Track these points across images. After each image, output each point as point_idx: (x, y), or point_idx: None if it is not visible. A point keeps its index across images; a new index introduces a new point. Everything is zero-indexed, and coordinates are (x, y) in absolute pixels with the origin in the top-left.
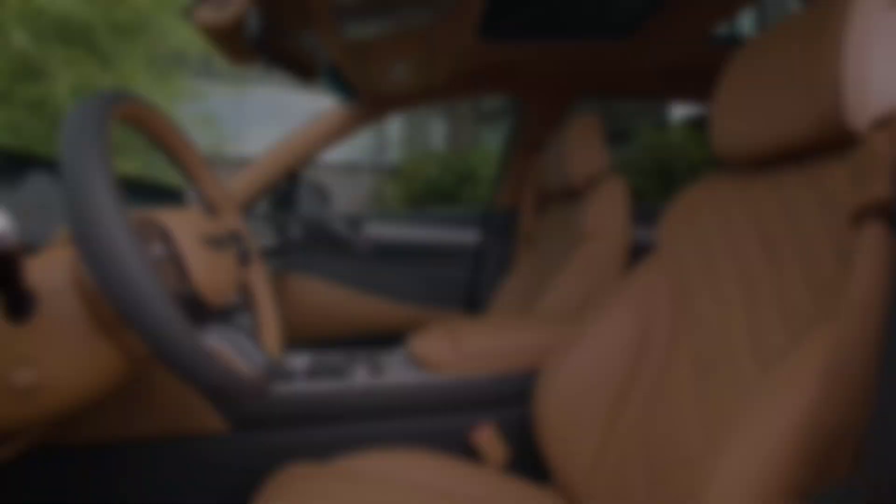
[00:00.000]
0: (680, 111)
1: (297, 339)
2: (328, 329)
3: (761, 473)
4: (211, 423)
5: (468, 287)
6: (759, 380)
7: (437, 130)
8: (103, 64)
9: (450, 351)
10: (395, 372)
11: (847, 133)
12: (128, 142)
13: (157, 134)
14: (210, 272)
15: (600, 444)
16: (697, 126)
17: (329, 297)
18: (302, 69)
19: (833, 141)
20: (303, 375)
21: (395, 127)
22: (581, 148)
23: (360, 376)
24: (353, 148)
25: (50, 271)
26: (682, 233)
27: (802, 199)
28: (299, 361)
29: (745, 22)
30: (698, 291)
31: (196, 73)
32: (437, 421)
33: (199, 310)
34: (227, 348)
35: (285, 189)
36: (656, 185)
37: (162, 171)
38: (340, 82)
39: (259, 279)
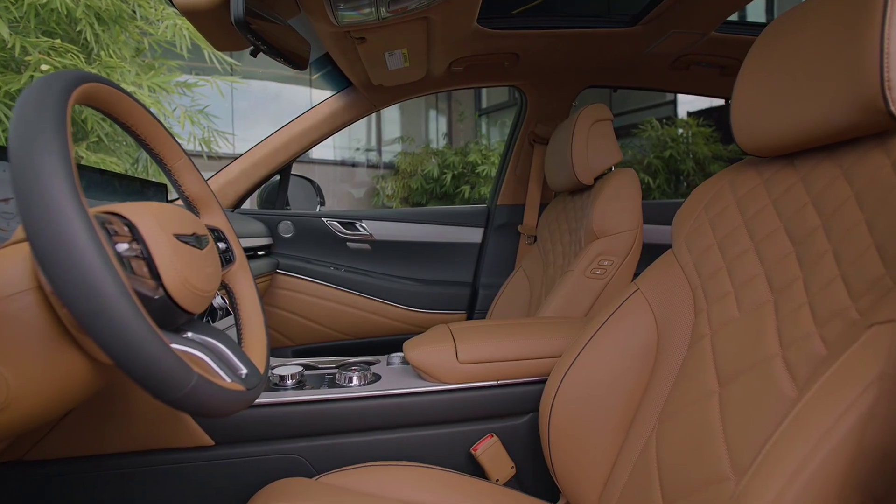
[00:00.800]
0: (686, 106)
1: (287, 344)
2: (320, 333)
3: (802, 502)
4: (194, 435)
5: (469, 288)
6: (794, 393)
7: (435, 126)
8: (86, 54)
9: (450, 358)
10: (391, 381)
11: (890, 118)
12: (119, 137)
13: (129, 121)
14: (186, 272)
15: (613, 459)
16: (706, 120)
17: (321, 298)
18: (292, 57)
19: (873, 127)
20: (292, 385)
21: (391, 122)
22: (590, 140)
23: (354, 386)
24: (348, 144)
25: (5, 271)
26: (700, 230)
27: (837, 191)
28: (288, 370)
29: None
30: (720, 294)
31: (188, 66)
32: (435, 433)
33: (171, 314)
34: (204, 357)
35: (275, 185)
36: (664, 181)
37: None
38: (333, 72)
39: (244, 280)
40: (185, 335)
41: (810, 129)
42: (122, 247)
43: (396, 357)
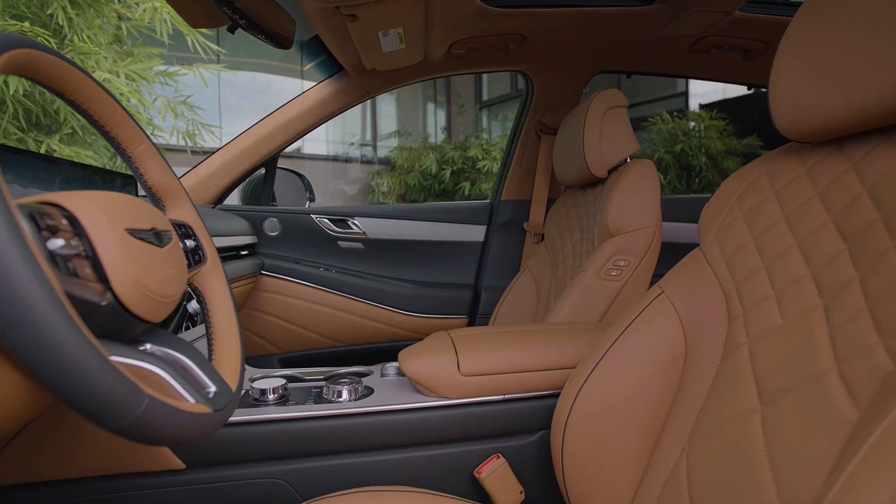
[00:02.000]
0: (699, 98)
1: (273, 351)
2: (309, 340)
3: None
4: (162, 458)
5: (470, 290)
6: (854, 415)
7: (433, 119)
8: (59, 39)
9: (450, 370)
10: (384, 395)
11: None
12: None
13: (78, 98)
14: (140, 274)
15: (636, 484)
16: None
17: (310, 302)
18: (275, 35)
19: None
20: (274, 400)
21: (387, 116)
22: (604, 128)
23: (343, 401)
24: (341, 139)
25: None
26: (734, 226)
27: None
28: (270, 383)
29: None
30: (758, 298)
31: (170, 56)
32: (435, 454)
33: (124, 323)
34: (162, 373)
35: (260, 179)
36: (675, 178)
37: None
38: (323, 54)
39: (216, 283)
40: (141, 348)
41: (863, 110)
42: (57, 243)
43: (391, 368)
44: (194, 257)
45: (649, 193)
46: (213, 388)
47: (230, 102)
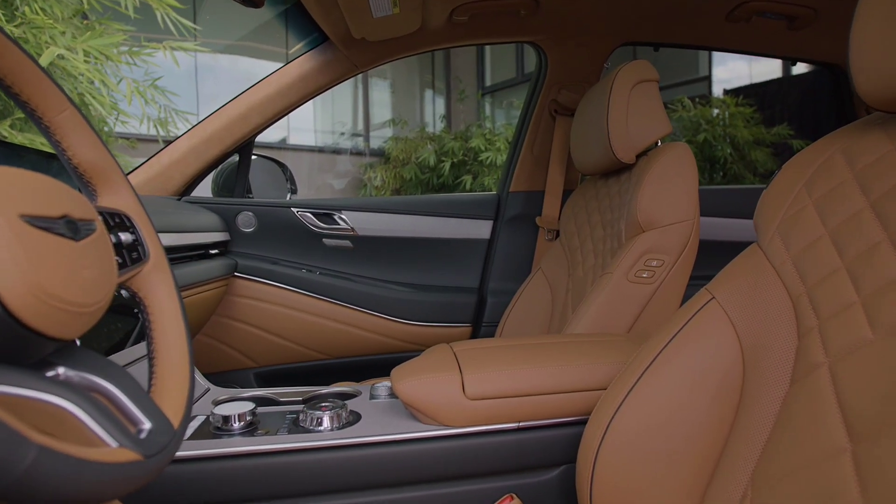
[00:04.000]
0: (723, 84)
1: (248, 365)
2: (289, 352)
3: None
4: None
5: (475, 294)
6: None
7: (431, 107)
8: (8, 12)
9: (453, 392)
10: (374, 423)
11: None
12: None
13: None
14: (39, 275)
15: None
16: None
17: (291, 308)
18: None
19: None
20: (239, 429)
21: (381, 104)
22: (631, 106)
23: (324, 430)
24: (331, 128)
25: None
26: (802, 217)
27: None
28: (235, 408)
29: None
30: (839, 306)
31: (138, 35)
32: (435, 495)
33: (20, 342)
34: (74, 409)
35: (234, 167)
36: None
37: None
38: (304, 22)
39: (160, 288)
40: (50, 373)
41: None
42: None
43: (383, 388)
44: (131, 255)
45: (686, 181)
46: (146, 426)
47: (209, 89)
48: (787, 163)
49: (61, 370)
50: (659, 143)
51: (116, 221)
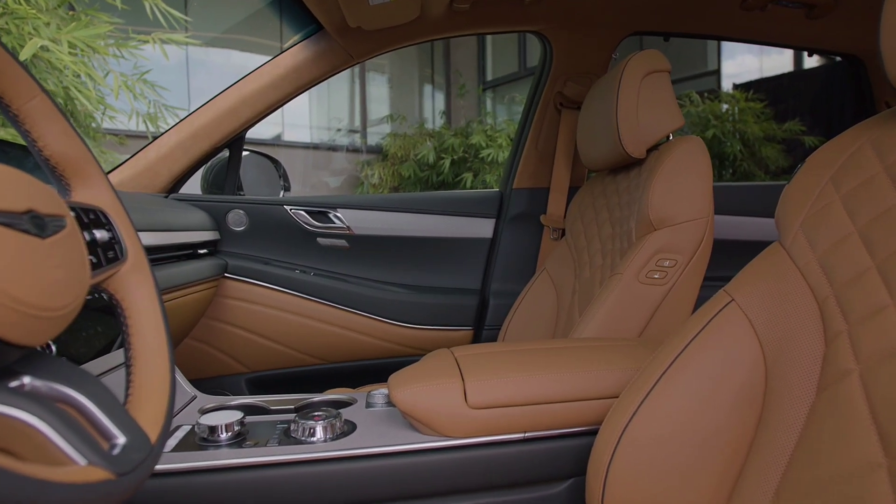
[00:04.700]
0: (732, 78)
1: (239, 370)
2: (282, 357)
3: None
4: None
5: (476, 296)
6: None
7: (431, 103)
8: None
9: (455, 400)
10: (370, 433)
11: None
12: None
13: None
14: (2, 278)
15: None
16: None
17: (283, 311)
18: None
19: None
20: (227, 440)
21: (378, 100)
22: (641, 98)
23: (317, 441)
24: (327, 124)
25: None
26: (828, 214)
27: None
28: (222, 418)
29: None
30: (870, 309)
31: (126, 27)
32: None
33: None
34: (38, 424)
35: (224, 163)
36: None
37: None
38: (299, 12)
39: (139, 290)
40: (14, 384)
41: None
42: None
43: (380, 396)
44: (107, 254)
45: (700, 177)
46: (120, 440)
47: (201, 84)
48: (811, 156)
49: (27, 380)
50: (671, 137)
51: (91, 218)
